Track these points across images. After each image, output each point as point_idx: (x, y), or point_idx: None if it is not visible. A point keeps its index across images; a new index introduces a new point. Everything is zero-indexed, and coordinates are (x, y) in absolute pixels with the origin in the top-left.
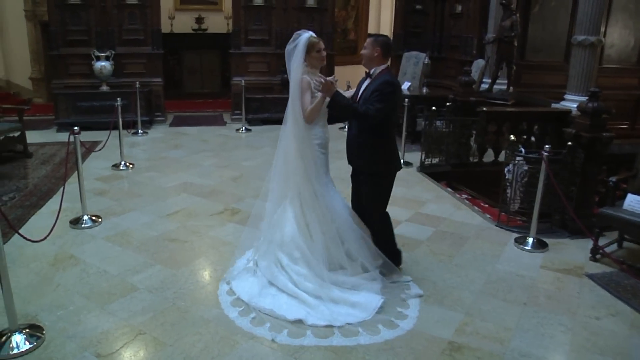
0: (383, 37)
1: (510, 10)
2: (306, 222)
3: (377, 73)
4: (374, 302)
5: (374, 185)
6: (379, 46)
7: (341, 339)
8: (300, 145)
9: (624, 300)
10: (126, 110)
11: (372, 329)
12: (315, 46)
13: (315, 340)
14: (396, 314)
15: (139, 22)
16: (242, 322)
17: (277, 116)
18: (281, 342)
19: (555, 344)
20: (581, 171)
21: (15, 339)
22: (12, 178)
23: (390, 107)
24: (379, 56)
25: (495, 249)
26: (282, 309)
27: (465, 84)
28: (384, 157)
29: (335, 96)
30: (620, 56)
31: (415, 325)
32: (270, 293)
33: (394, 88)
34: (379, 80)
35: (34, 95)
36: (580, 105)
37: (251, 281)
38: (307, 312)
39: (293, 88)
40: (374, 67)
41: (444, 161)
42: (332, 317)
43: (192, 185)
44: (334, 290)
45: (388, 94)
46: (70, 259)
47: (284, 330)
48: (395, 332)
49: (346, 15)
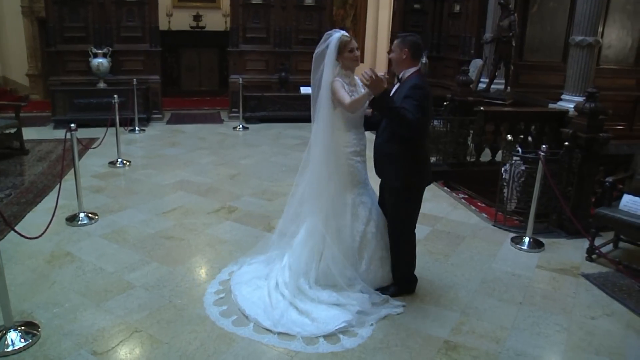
0: (412, 36)
1: (509, 10)
2: (321, 234)
3: (407, 77)
4: (332, 323)
5: (400, 200)
6: (407, 47)
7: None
8: (328, 154)
9: (620, 300)
10: (123, 108)
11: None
12: (348, 45)
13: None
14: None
15: (137, 19)
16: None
17: (275, 114)
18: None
19: (551, 344)
20: (578, 171)
21: (10, 336)
22: (9, 175)
23: (427, 114)
24: (407, 58)
25: (491, 248)
26: (247, 302)
27: (463, 84)
28: (412, 169)
29: (383, 95)
30: (618, 57)
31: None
32: (257, 284)
33: (425, 91)
34: (408, 83)
35: (30, 92)
36: (578, 106)
37: (251, 268)
38: (263, 309)
39: (323, 92)
40: (403, 70)
41: (441, 160)
42: (279, 322)
43: (189, 182)
44: (307, 304)
45: (423, 100)
46: (67, 256)
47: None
48: (334, 347)
49: (344, 13)
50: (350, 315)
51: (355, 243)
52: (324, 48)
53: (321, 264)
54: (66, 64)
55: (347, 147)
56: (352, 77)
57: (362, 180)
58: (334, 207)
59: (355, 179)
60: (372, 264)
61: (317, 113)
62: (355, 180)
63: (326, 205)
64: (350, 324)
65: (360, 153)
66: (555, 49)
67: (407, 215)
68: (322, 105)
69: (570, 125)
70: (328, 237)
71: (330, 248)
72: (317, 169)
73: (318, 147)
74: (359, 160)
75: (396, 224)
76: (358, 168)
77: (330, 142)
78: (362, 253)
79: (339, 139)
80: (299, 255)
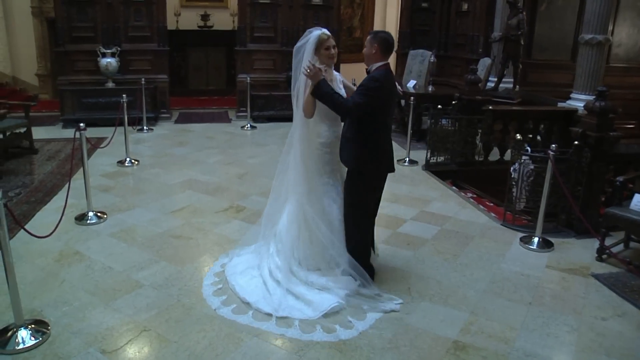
0: (383, 33)
1: (517, 8)
2: (302, 218)
3: (374, 70)
4: (325, 303)
5: (353, 183)
6: (377, 42)
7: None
8: (302, 143)
9: (631, 301)
10: (131, 107)
11: (310, 328)
12: (324, 43)
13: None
14: (345, 322)
15: (145, 18)
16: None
17: (283, 113)
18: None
19: (561, 344)
20: (588, 171)
21: (21, 334)
22: (18, 174)
23: (375, 104)
24: (377, 53)
25: (500, 248)
26: (245, 291)
27: (472, 83)
28: (367, 153)
29: (319, 83)
30: (628, 55)
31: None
32: (251, 274)
33: (380, 84)
34: (369, 75)
35: (40, 91)
36: (587, 105)
37: (242, 259)
38: (262, 297)
39: (300, 84)
40: (371, 63)
41: (450, 160)
42: (279, 307)
43: (197, 182)
44: (300, 287)
45: (372, 89)
46: (76, 255)
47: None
48: (328, 337)
49: (352, 13)
50: (337, 299)
51: (333, 226)
52: (303, 42)
53: (304, 246)
54: (75, 64)
55: (319, 138)
56: (329, 71)
57: (328, 171)
58: (309, 191)
59: (322, 168)
60: (337, 248)
61: (297, 103)
62: (323, 169)
63: (302, 189)
64: (341, 305)
65: (329, 145)
66: (564, 48)
67: (358, 199)
68: (299, 97)
69: (579, 124)
70: (308, 218)
71: (309, 229)
72: (295, 156)
73: (295, 136)
74: (327, 152)
75: (346, 206)
76: (325, 159)
77: (304, 131)
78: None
79: (312, 129)
80: (285, 240)
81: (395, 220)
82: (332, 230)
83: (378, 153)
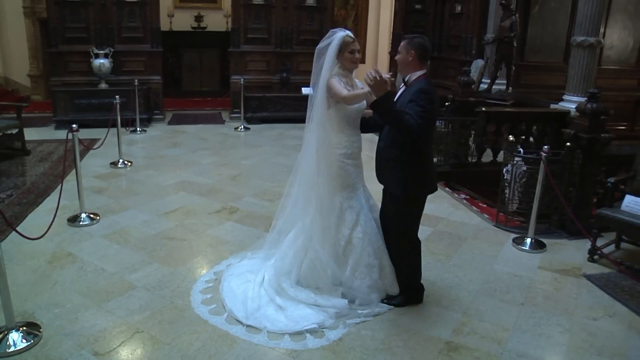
0: (419, 38)
1: (510, 10)
2: (307, 235)
3: (413, 80)
4: (302, 323)
5: (402, 208)
6: (414, 48)
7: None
8: (317, 153)
9: (622, 301)
10: (125, 108)
11: (277, 337)
12: (349, 46)
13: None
14: (317, 332)
15: (138, 19)
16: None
17: (276, 115)
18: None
19: (553, 345)
20: (580, 172)
21: (12, 337)
22: (10, 175)
23: (432, 120)
24: (414, 60)
25: (493, 249)
26: (230, 293)
27: (465, 84)
28: (416, 177)
29: (386, 97)
30: (620, 57)
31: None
32: (247, 278)
33: (431, 97)
34: (415, 87)
35: (32, 92)
36: (579, 106)
37: (247, 263)
38: (241, 302)
39: (319, 90)
40: (409, 73)
41: (443, 161)
42: (250, 315)
43: (191, 183)
44: (286, 301)
45: (428, 104)
46: (68, 256)
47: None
48: (294, 344)
49: (346, 14)
50: (324, 317)
51: (339, 247)
52: (326, 44)
53: (304, 263)
54: (67, 65)
55: (338, 149)
56: (350, 77)
57: (352, 183)
58: (322, 207)
59: (345, 181)
60: (357, 270)
61: (312, 111)
62: (345, 183)
63: (314, 205)
64: (321, 326)
65: (352, 156)
66: (557, 50)
67: (409, 223)
68: (317, 104)
69: (571, 126)
70: (314, 236)
71: (314, 248)
72: (308, 168)
73: (310, 146)
74: (351, 163)
75: (398, 231)
76: (349, 171)
77: (321, 142)
78: (347, 258)
79: (331, 140)
80: (285, 255)
81: None
82: (347, 251)
83: (427, 174)
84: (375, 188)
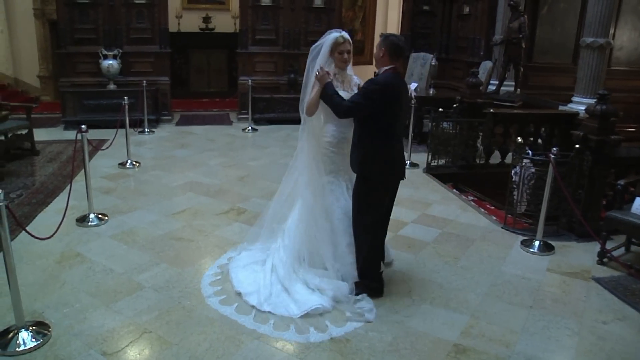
0: (393, 37)
1: (519, 11)
2: (310, 216)
3: (381, 73)
4: (309, 304)
5: (360, 189)
6: (385, 46)
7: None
8: (309, 141)
9: (632, 305)
10: (133, 109)
11: (284, 327)
12: (339, 46)
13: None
14: (322, 326)
15: (147, 21)
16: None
17: (284, 116)
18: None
19: (562, 348)
20: (589, 174)
21: (22, 336)
22: (20, 175)
23: (375, 107)
24: (384, 57)
25: (501, 251)
26: (241, 283)
27: (473, 86)
28: (373, 158)
29: (325, 86)
30: (630, 58)
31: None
32: (253, 269)
33: (380, 87)
34: (372, 78)
35: (41, 93)
36: (589, 108)
37: (249, 253)
38: (255, 290)
39: (309, 84)
40: (380, 67)
41: (451, 163)
42: (265, 302)
43: (198, 184)
44: (297, 284)
45: (370, 92)
46: (77, 256)
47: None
48: (297, 337)
49: (353, 15)
50: (325, 301)
51: (325, 230)
52: (320, 43)
53: (310, 242)
54: (76, 66)
55: (325, 137)
56: (343, 74)
57: (334, 169)
58: (314, 189)
59: (328, 167)
60: (338, 250)
61: (304, 101)
62: (328, 168)
63: (310, 187)
64: (325, 308)
65: (336, 145)
66: (566, 51)
67: (365, 205)
68: (306, 98)
69: (580, 128)
70: (316, 216)
71: (317, 227)
72: (303, 154)
73: (304, 133)
74: (334, 151)
75: (354, 212)
76: (331, 158)
77: (311, 130)
78: (335, 241)
79: (320, 128)
80: (293, 236)
81: (396, 223)
82: (334, 229)
83: (382, 159)
84: None
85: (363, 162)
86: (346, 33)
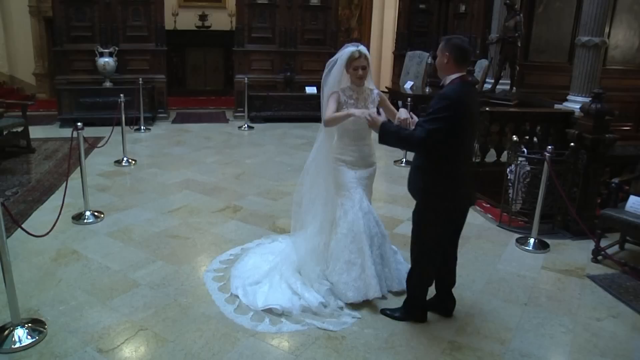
0: (456, 39)
1: (514, 10)
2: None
3: (447, 84)
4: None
5: (420, 217)
6: (449, 50)
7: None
8: (320, 151)
9: (626, 302)
10: (129, 107)
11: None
12: (354, 61)
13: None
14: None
15: (143, 18)
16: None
17: (280, 114)
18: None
19: (556, 345)
20: (584, 172)
21: (17, 333)
22: (15, 173)
23: (447, 127)
24: (449, 63)
25: (496, 249)
26: (247, 274)
27: None
28: (436, 186)
29: (382, 126)
30: (625, 57)
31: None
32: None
33: (450, 102)
34: (439, 93)
35: (37, 90)
36: (584, 107)
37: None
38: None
39: (324, 98)
40: (445, 75)
41: None
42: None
43: (195, 182)
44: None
45: (441, 109)
46: (73, 254)
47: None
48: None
49: (350, 13)
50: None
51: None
52: (336, 58)
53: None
54: (72, 63)
55: (334, 153)
56: (359, 90)
57: (344, 184)
58: (326, 201)
59: (336, 181)
60: (337, 265)
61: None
62: (336, 182)
63: (323, 199)
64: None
65: (347, 162)
66: (561, 50)
67: (424, 234)
68: (323, 111)
69: (576, 126)
70: (317, 227)
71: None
72: (313, 167)
73: (315, 146)
74: (345, 168)
75: (412, 239)
76: (342, 171)
77: (322, 144)
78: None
79: (332, 143)
80: (308, 244)
81: (392, 221)
82: (336, 245)
83: (449, 186)
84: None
85: (427, 191)
86: (364, 47)
